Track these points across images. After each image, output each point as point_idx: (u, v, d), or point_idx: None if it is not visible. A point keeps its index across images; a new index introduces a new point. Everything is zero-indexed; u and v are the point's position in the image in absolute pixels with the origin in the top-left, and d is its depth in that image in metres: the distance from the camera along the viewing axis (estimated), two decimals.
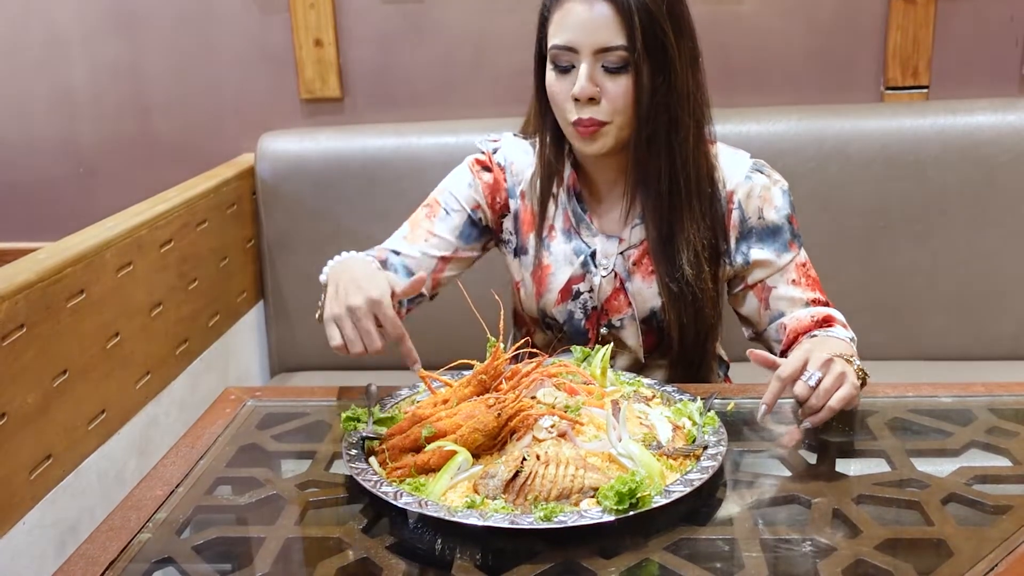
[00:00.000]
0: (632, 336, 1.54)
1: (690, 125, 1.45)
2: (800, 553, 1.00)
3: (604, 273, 1.53)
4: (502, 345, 1.25)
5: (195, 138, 2.53)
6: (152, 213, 1.90)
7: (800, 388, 1.23)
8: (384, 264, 1.54)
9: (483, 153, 1.62)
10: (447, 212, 1.60)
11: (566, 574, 0.98)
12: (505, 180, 1.60)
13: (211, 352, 2.14)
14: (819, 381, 1.23)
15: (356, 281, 1.32)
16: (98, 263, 1.69)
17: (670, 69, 1.41)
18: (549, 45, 1.44)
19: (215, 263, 2.17)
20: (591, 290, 1.54)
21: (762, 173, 1.52)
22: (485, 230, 1.62)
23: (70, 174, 2.60)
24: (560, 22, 1.42)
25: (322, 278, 1.44)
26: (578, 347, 1.42)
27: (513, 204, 1.59)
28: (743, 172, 1.51)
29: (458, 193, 1.60)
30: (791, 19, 2.33)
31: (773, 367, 1.26)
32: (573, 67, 1.42)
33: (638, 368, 1.57)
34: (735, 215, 1.51)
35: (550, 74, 1.45)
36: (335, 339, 1.31)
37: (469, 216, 1.60)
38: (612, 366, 1.53)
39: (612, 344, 1.42)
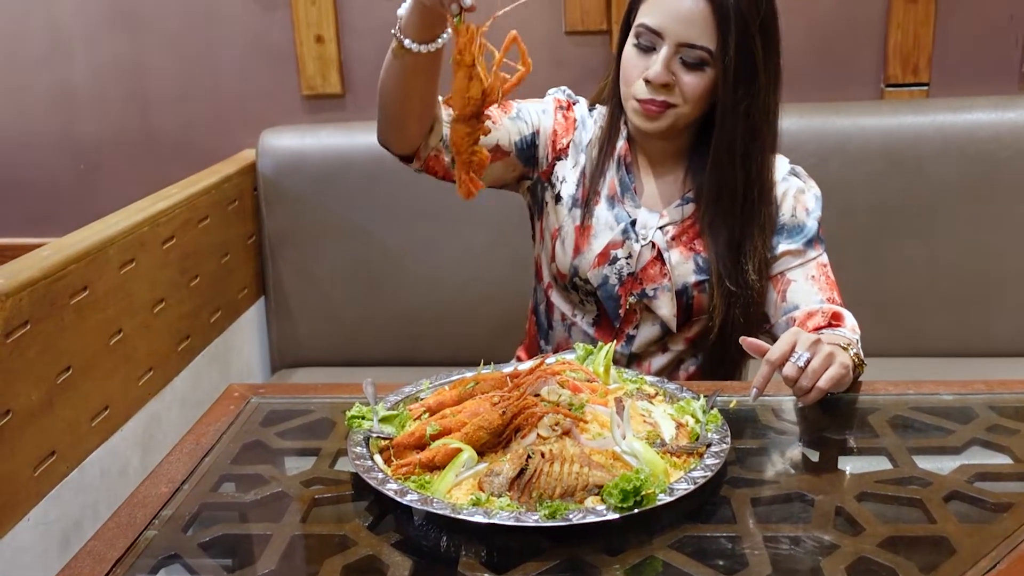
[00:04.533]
0: (666, 306, 1.56)
1: (766, 136, 1.49)
2: (803, 550, 1.00)
3: (643, 242, 1.55)
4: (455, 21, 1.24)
5: (196, 134, 2.54)
6: (154, 210, 1.90)
7: (789, 369, 1.25)
8: None
9: (565, 97, 1.64)
10: (518, 114, 1.58)
11: (571, 571, 0.98)
12: (574, 130, 1.61)
13: (213, 348, 2.14)
14: (807, 362, 1.24)
15: None
16: (101, 260, 1.69)
17: (753, 83, 1.44)
18: (637, 20, 1.46)
19: (216, 259, 2.17)
20: (629, 256, 1.56)
21: (798, 177, 1.58)
22: (531, 160, 1.61)
23: (72, 170, 2.60)
24: (655, 3, 1.44)
25: (400, 12, 1.37)
26: (580, 344, 1.42)
27: (582, 158, 1.60)
28: (782, 173, 1.56)
29: (534, 109, 1.60)
30: (792, 16, 2.31)
31: (764, 354, 1.27)
32: (653, 49, 1.44)
33: (665, 337, 1.59)
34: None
35: (629, 47, 1.48)
36: None
37: (531, 135, 1.59)
38: (635, 335, 1.59)
39: (640, 314, 1.46)
